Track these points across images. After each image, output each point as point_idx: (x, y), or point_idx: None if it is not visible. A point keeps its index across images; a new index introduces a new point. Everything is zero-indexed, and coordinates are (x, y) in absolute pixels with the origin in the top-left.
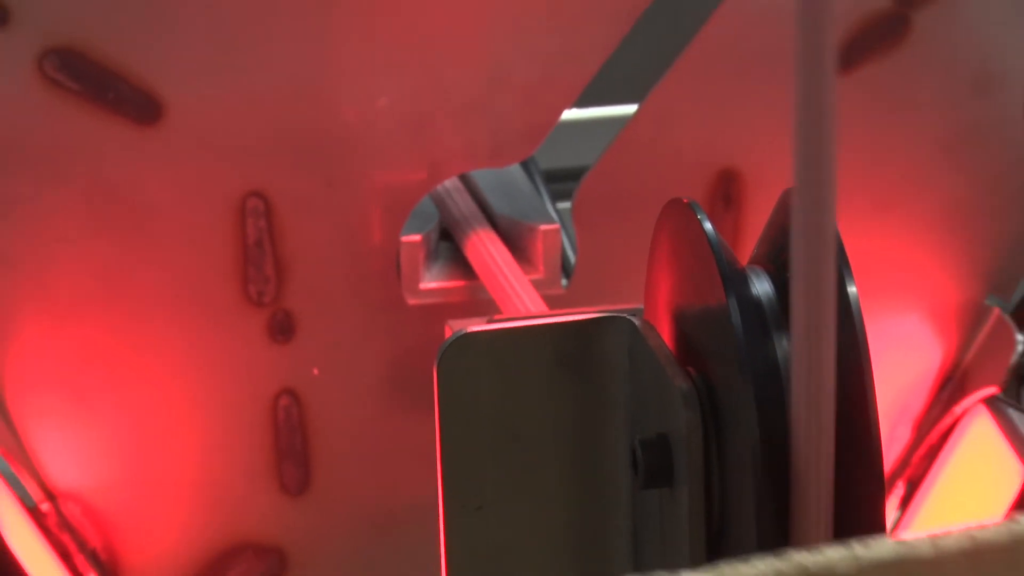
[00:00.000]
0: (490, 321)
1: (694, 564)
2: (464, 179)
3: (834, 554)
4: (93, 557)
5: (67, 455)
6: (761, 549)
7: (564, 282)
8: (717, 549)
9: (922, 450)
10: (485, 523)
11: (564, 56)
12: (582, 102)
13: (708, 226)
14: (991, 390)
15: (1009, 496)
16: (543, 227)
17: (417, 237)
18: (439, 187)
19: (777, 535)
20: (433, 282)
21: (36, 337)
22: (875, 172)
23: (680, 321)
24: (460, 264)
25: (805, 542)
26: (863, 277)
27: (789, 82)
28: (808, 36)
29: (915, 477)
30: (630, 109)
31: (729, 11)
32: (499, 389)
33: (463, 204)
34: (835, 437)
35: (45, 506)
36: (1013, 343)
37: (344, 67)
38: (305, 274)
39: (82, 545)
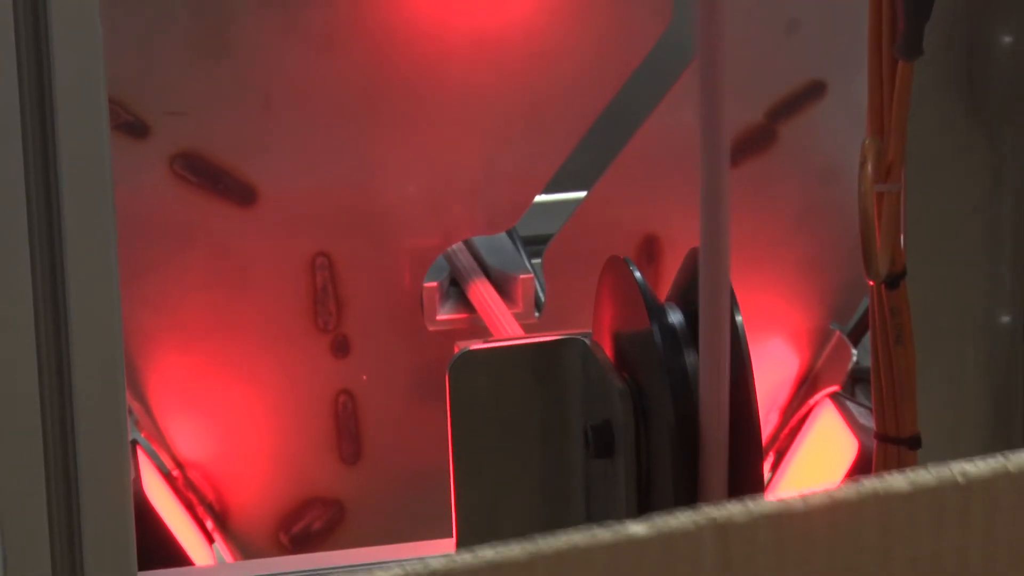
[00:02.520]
0: (486, 342)
1: (629, 515)
2: (467, 242)
3: (733, 508)
4: (209, 508)
5: (190, 437)
6: (677, 504)
7: (537, 314)
8: (645, 505)
9: (786, 431)
10: (482, 485)
11: (536, 155)
12: (548, 189)
13: (637, 274)
14: (834, 388)
15: (847, 463)
16: (522, 276)
17: (434, 284)
18: (449, 248)
19: (689, 493)
20: (446, 315)
21: (170, 358)
22: (752, 238)
23: (618, 341)
24: (464, 303)
25: (709, 498)
26: (745, 311)
27: (695, 173)
28: (709, 142)
29: (781, 449)
30: (582, 194)
31: (653, 125)
32: (492, 390)
33: (466, 260)
34: (728, 422)
35: (175, 472)
36: (849, 356)
37: (383, 164)
38: (357, 309)
39: (202, 499)
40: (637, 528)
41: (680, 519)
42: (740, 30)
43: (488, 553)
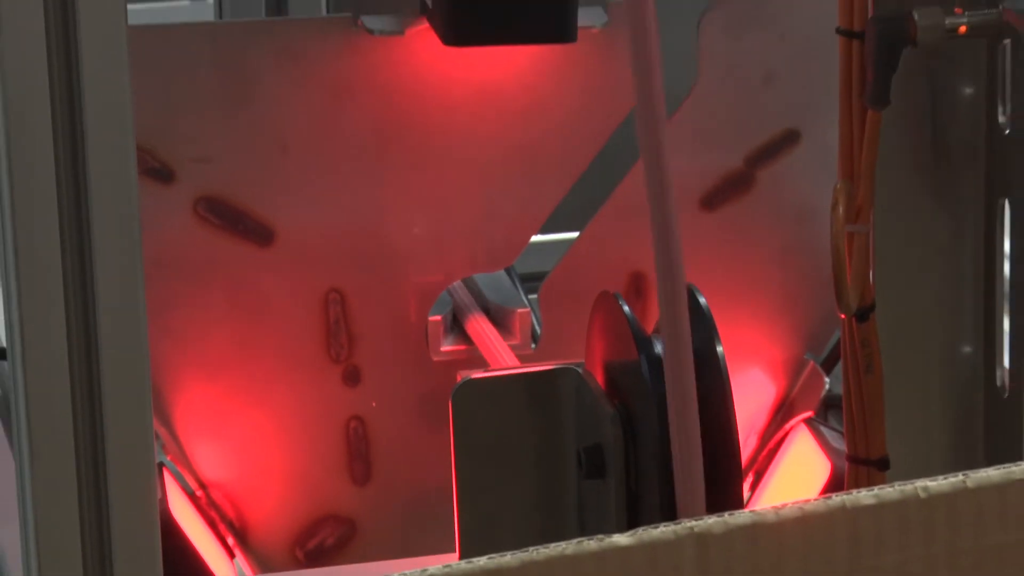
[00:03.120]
0: (486, 371)
1: (619, 529)
2: (468, 279)
3: (711, 520)
4: (230, 525)
5: (213, 459)
6: (663, 518)
7: (533, 346)
8: (634, 521)
9: (764, 453)
10: (483, 502)
11: (532, 199)
12: (543, 230)
13: (626, 309)
14: (808, 414)
15: (820, 483)
16: (519, 310)
17: (438, 317)
18: (452, 285)
19: (672, 509)
20: (449, 347)
21: (194, 386)
22: (733, 275)
23: (608, 370)
24: (465, 335)
25: (691, 513)
26: (727, 342)
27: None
28: (655, 191)
29: (760, 470)
30: (574, 234)
31: (639, 171)
32: (492, 415)
33: (466, 296)
34: (709, 443)
35: (199, 492)
36: (822, 384)
37: (391, 207)
38: (367, 341)
39: (223, 517)
40: (622, 538)
41: (662, 530)
42: (720, 82)
43: (483, 561)
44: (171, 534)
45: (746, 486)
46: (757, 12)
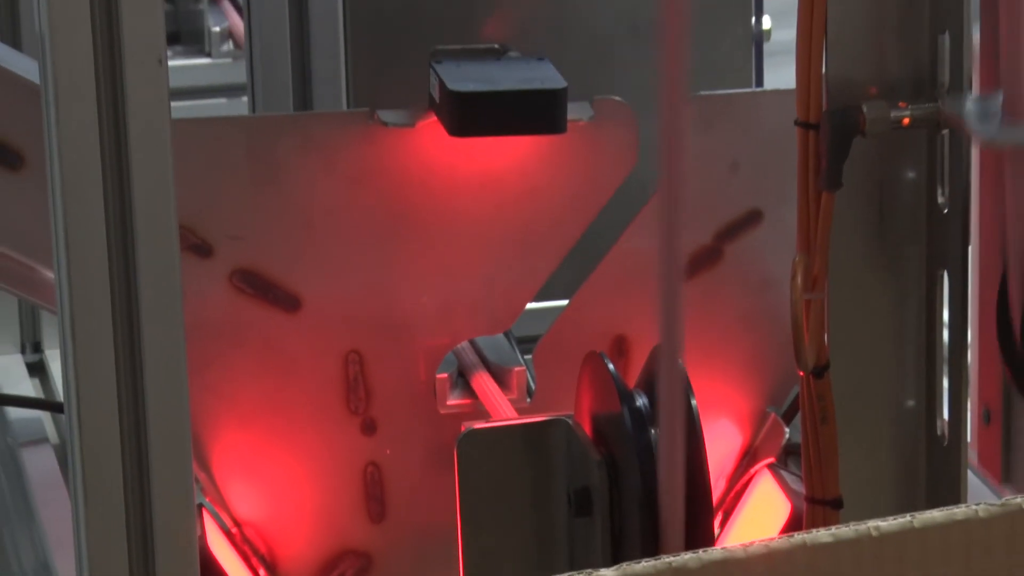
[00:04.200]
0: (487, 422)
1: (604, 564)
2: (471, 341)
3: (687, 556)
4: (262, 559)
5: (246, 500)
6: (643, 554)
7: (528, 400)
8: (618, 556)
9: (731, 495)
10: (485, 539)
11: (527, 271)
12: (537, 298)
13: (610, 367)
14: (771, 460)
15: (782, 521)
16: (516, 369)
17: (445, 375)
18: (457, 346)
19: (652, 545)
20: (454, 401)
21: (229, 435)
22: (704, 336)
23: (595, 421)
24: (470, 390)
25: (669, 549)
26: (699, 396)
27: (654, 285)
28: (665, 268)
29: (728, 510)
30: (564, 302)
31: (621, 247)
32: (493, 460)
33: (470, 356)
34: (684, 487)
35: (234, 529)
36: (783, 433)
37: (403, 278)
38: (382, 396)
39: (256, 552)
40: (608, 571)
41: (643, 564)
42: (692, 169)
43: None
44: (209, 567)
45: (716, 523)
46: (724, 108)
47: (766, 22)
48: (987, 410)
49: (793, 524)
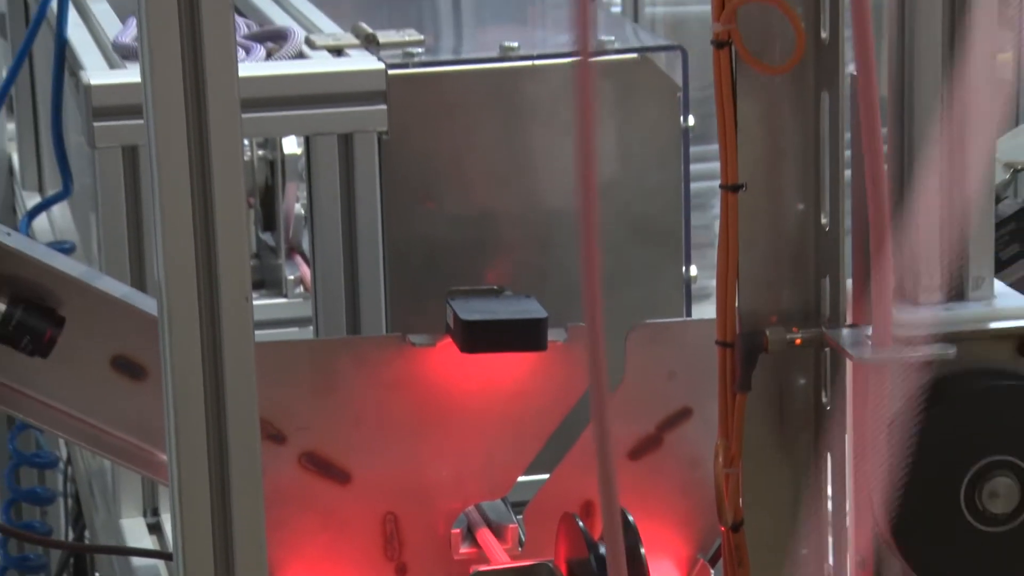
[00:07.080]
0: (488, 566)
1: None
2: (477, 505)
3: None
4: None
5: None
6: None
7: (520, 549)
8: None
9: None
10: None
11: (517, 455)
12: (526, 473)
13: (580, 524)
14: None
15: None
16: (510, 526)
17: (458, 530)
18: (466, 508)
19: None
20: (465, 550)
21: (283, 549)
22: (650, 502)
23: (569, 565)
24: (475, 542)
25: None
26: (647, 545)
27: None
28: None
29: None
30: (546, 476)
31: (586, 437)
32: None
33: (476, 516)
34: None
35: None
36: (709, 574)
37: (428, 459)
38: (412, 546)
39: None
40: None
41: None
42: (639, 377)
43: None
44: None
45: None
46: (663, 332)
47: (693, 270)
48: (862, 558)
49: None
